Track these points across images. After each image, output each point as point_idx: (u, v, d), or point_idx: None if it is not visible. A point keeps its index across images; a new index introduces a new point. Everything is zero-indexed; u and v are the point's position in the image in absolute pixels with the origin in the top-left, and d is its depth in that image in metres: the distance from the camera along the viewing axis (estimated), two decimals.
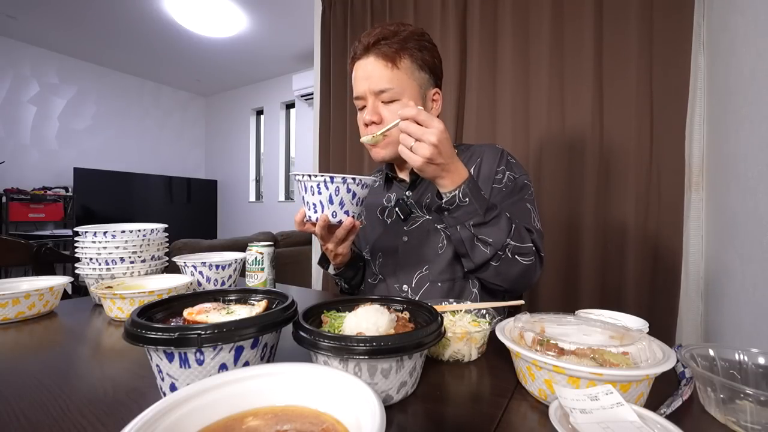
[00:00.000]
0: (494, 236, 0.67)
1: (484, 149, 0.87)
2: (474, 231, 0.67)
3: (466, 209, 0.66)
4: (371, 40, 0.75)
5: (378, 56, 0.75)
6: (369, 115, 0.77)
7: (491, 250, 0.68)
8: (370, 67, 0.76)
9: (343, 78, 2.08)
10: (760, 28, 0.81)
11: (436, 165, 0.62)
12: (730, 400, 0.37)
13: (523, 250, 0.69)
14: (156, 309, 0.47)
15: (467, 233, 0.68)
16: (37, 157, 3.89)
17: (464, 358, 0.53)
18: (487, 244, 0.68)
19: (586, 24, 1.38)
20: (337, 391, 0.30)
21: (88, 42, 3.76)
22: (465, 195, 0.65)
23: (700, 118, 1.24)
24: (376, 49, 0.75)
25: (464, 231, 0.68)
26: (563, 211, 1.45)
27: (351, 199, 0.65)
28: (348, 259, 0.83)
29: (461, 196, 0.65)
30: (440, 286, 0.81)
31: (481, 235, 0.67)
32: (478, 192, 0.66)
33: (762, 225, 0.78)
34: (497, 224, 0.67)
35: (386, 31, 0.76)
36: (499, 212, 0.68)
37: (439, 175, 0.64)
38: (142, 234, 0.93)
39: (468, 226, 0.67)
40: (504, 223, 0.68)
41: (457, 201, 0.65)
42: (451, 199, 0.65)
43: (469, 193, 0.65)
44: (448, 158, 0.62)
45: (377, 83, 0.75)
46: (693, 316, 1.25)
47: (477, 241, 0.68)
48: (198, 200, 5.17)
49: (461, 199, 0.65)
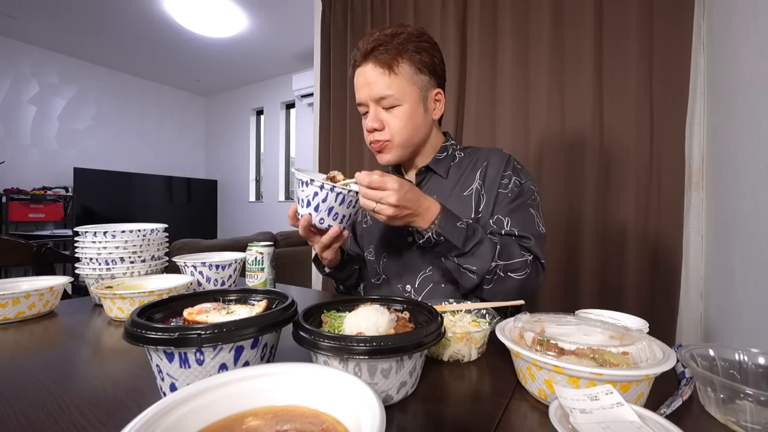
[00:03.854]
0: (477, 264, 0.69)
1: (490, 153, 0.86)
2: (458, 261, 0.70)
3: (444, 245, 0.68)
4: (368, 47, 0.76)
5: (376, 63, 0.76)
6: (371, 122, 0.78)
7: (477, 276, 0.70)
8: (369, 75, 0.77)
9: (343, 78, 2.08)
10: (760, 28, 0.81)
11: (402, 217, 0.64)
12: (730, 400, 0.37)
13: (514, 266, 0.70)
14: (156, 309, 0.47)
15: (452, 264, 0.71)
16: (37, 157, 3.90)
17: (464, 358, 0.53)
18: (472, 272, 0.70)
19: (586, 24, 1.38)
20: (337, 391, 0.30)
21: (88, 42, 3.76)
22: (439, 234, 0.66)
23: (700, 118, 1.24)
24: (373, 57, 0.76)
25: (449, 262, 0.71)
26: (563, 211, 1.45)
27: (340, 206, 0.65)
28: (337, 263, 0.85)
29: (435, 236, 0.66)
30: (444, 287, 0.81)
31: (465, 265, 0.69)
32: (452, 226, 0.67)
33: (762, 225, 0.78)
34: (478, 252, 0.69)
35: (383, 36, 0.76)
36: (480, 239, 0.69)
37: (409, 222, 0.66)
38: (142, 234, 0.93)
39: (450, 258, 0.70)
40: (486, 249, 0.69)
41: (433, 239, 0.67)
42: (427, 240, 0.67)
43: (442, 231, 0.66)
44: (414, 206, 0.64)
45: (376, 90, 0.76)
46: (693, 316, 1.25)
47: (462, 269, 0.70)
48: (198, 200, 5.17)
49: (436, 238, 0.67)
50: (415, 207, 0.64)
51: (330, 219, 0.67)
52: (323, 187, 0.63)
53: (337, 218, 0.67)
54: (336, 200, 0.65)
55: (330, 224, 0.67)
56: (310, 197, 0.65)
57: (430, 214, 0.66)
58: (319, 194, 0.64)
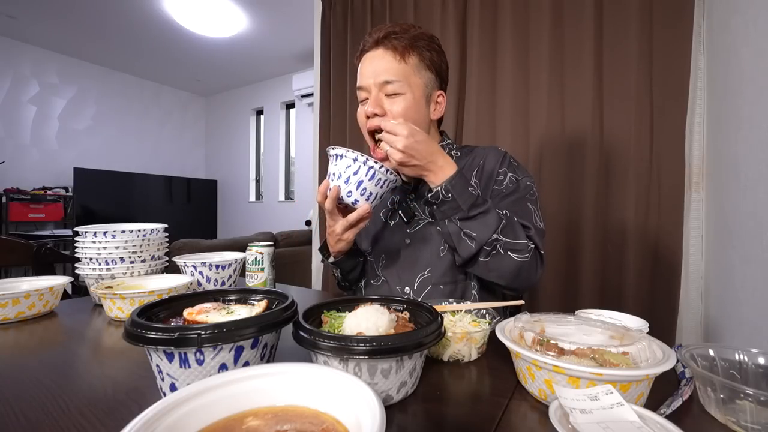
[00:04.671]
0: (478, 231, 0.68)
1: (487, 151, 0.87)
2: (460, 225, 0.70)
3: (450, 204, 0.68)
4: (381, 35, 0.77)
5: (387, 48, 0.76)
6: (371, 107, 0.76)
7: (476, 244, 0.69)
8: (378, 58, 0.77)
9: (343, 78, 2.08)
10: (760, 28, 0.81)
11: (411, 167, 0.67)
12: (730, 400, 0.37)
13: (516, 246, 0.69)
14: (156, 309, 0.47)
15: (454, 227, 0.70)
16: (37, 157, 3.90)
17: (464, 358, 0.53)
18: (471, 238, 0.69)
19: (586, 24, 1.38)
20: (337, 391, 0.30)
21: (88, 42, 3.76)
22: (447, 191, 0.67)
23: (700, 118, 1.24)
24: (385, 42, 0.76)
25: (451, 225, 0.71)
26: (563, 211, 1.45)
27: (369, 181, 0.66)
28: (348, 249, 0.83)
29: (444, 192, 0.67)
30: (442, 288, 0.81)
31: (465, 229, 0.69)
32: (464, 188, 0.68)
33: (762, 225, 0.78)
34: (482, 220, 0.68)
35: (397, 27, 0.77)
36: (488, 208, 0.69)
37: (421, 174, 0.69)
38: (142, 234, 0.93)
39: (454, 220, 0.70)
40: (492, 219, 0.69)
41: (441, 196, 0.68)
42: (435, 194, 0.68)
43: (451, 189, 0.67)
44: (424, 159, 0.66)
45: (383, 74, 0.76)
46: (693, 316, 1.25)
47: (463, 235, 0.70)
48: (198, 200, 5.17)
49: (444, 195, 0.68)
50: (425, 161, 0.67)
51: (357, 193, 0.67)
52: (357, 160, 0.65)
53: (365, 194, 0.67)
54: (366, 174, 0.65)
55: (357, 199, 0.67)
56: (342, 170, 0.67)
57: (443, 172, 0.68)
58: (352, 166, 0.66)
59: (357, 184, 0.66)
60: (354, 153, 0.65)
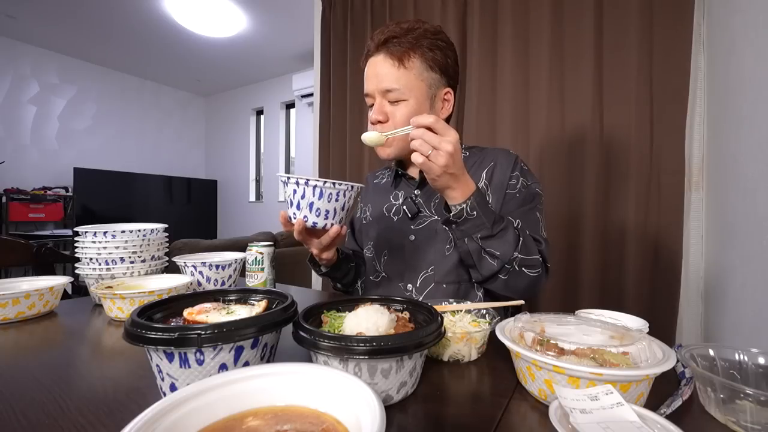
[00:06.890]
0: (502, 249, 0.67)
1: (497, 154, 0.85)
2: (482, 244, 0.67)
3: (474, 222, 0.65)
4: (382, 38, 0.76)
5: (387, 55, 0.76)
6: (375, 114, 0.77)
7: (498, 263, 0.68)
8: (379, 66, 0.77)
9: (343, 78, 2.08)
10: (760, 28, 0.81)
11: (450, 174, 0.61)
12: (730, 400, 0.37)
13: (530, 262, 0.69)
14: (156, 309, 0.47)
15: (475, 246, 0.68)
16: (37, 157, 3.89)
17: (464, 358, 0.53)
18: (494, 257, 0.68)
19: (586, 24, 1.38)
20: (337, 391, 0.30)
21: (88, 42, 3.76)
22: (473, 208, 0.64)
23: (700, 118, 1.24)
24: (386, 48, 0.76)
25: (472, 243, 0.68)
26: (563, 211, 1.45)
27: (319, 201, 0.63)
28: (333, 262, 0.84)
29: (469, 210, 0.64)
30: (445, 287, 0.80)
31: (488, 248, 0.67)
32: (485, 204, 0.66)
33: (762, 225, 0.78)
34: (504, 237, 0.67)
35: (399, 29, 0.76)
36: (506, 225, 0.68)
37: (450, 186, 0.63)
38: (142, 234, 0.93)
39: (476, 238, 0.67)
40: (511, 236, 0.67)
41: (465, 214, 0.65)
42: (459, 212, 0.65)
43: (476, 206, 0.64)
44: (459, 169, 0.62)
45: (384, 81, 0.76)
46: (693, 316, 1.25)
47: (485, 253, 0.68)
48: (198, 200, 5.17)
49: (469, 213, 0.64)
50: (460, 171, 0.62)
51: (313, 216, 0.64)
52: (298, 183, 0.62)
53: (320, 214, 0.64)
54: (314, 195, 0.62)
55: (315, 222, 0.65)
56: (290, 196, 0.64)
57: (467, 188, 0.64)
58: (297, 191, 0.63)
59: (309, 207, 0.63)
60: (295, 177, 0.62)
